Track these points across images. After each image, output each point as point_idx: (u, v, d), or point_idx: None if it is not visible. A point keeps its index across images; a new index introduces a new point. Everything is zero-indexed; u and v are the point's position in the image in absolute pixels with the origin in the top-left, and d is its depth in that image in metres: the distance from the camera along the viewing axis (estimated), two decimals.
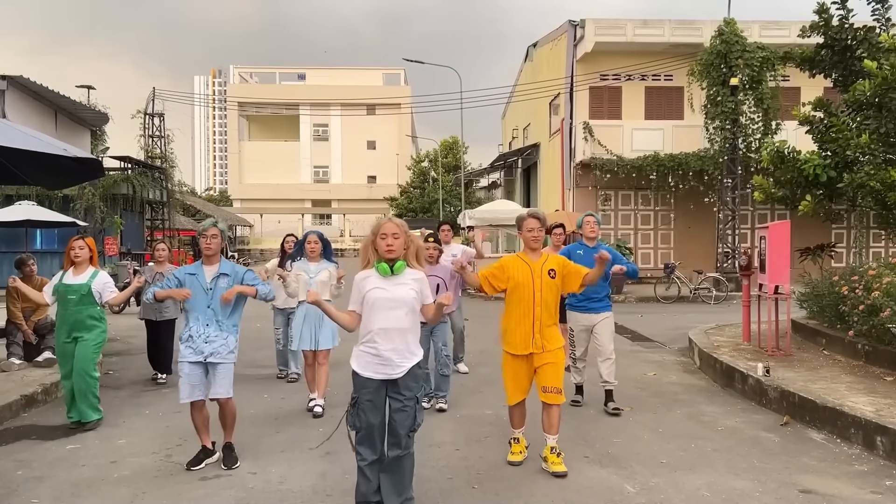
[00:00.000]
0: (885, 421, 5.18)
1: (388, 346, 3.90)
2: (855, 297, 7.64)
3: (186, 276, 5.10)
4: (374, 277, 3.98)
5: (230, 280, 5.12)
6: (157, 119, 27.27)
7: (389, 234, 3.93)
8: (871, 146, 8.65)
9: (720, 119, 19.81)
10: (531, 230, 5.02)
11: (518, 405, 5.09)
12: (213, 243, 5.09)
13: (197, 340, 4.98)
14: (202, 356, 4.97)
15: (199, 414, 5.11)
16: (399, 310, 3.93)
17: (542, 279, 4.92)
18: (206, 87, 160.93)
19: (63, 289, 6.12)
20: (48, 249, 22.05)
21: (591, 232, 6.70)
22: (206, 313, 5.02)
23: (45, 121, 9.22)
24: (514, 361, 5.01)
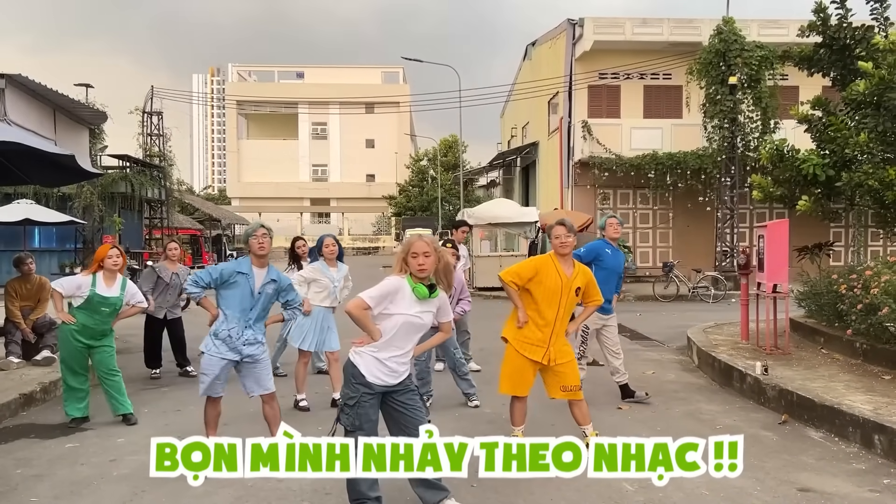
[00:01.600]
0: (884, 419, 5.19)
1: (400, 362, 3.97)
2: (853, 295, 7.66)
3: (236, 274, 4.99)
4: (409, 297, 3.93)
5: (276, 286, 5.13)
6: (156, 117, 27.26)
7: (420, 252, 3.92)
8: (870, 145, 8.66)
9: (719, 118, 19.82)
10: (558, 237, 5.07)
11: (519, 401, 5.13)
12: (265, 243, 5.09)
13: (236, 341, 4.97)
14: (240, 356, 4.99)
15: (214, 409, 5.17)
16: (418, 333, 4.04)
17: (569, 296, 5.02)
18: (204, 86, 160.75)
19: (99, 300, 6.09)
20: (46, 248, 22.06)
21: (615, 233, 6.81)
22: (247, 315, 5.00)
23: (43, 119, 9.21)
24: (521, 360, 5.05)
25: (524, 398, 5.14)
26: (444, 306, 4.14)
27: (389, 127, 67.08)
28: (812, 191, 9.57)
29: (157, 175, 26.41)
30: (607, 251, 6.68)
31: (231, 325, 4.98)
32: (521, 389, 5.09)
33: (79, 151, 9.54)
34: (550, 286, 4.98)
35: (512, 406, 5.17)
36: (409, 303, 3.93)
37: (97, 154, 24.00)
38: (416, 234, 4.14)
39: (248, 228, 5.20)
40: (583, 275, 5.14)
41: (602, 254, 6.60)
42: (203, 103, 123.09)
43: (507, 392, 5.14)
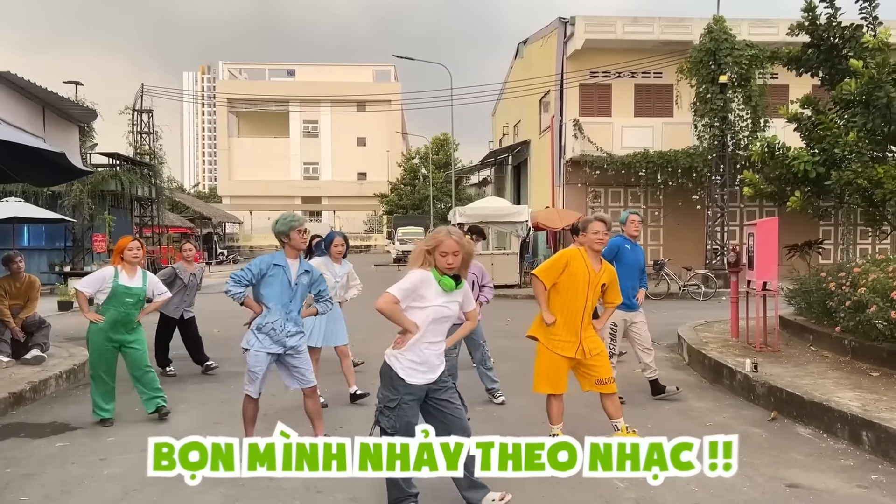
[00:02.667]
0: (871, 416, 5.24)
1: (433, 353, 3.99)
2: (842, 293, 7.71)
3: (273, 267, 4.95)
4: (436, 289, 3.94)
5: (310, 277, 5.12)
6: (146, 115, 27.12)
7: (450, 252, 3.91)
8: (859, 144, 8.72)
9: (709, 116, 19.90)
10: (596, 232, 5.10)
11: (556, 399, 5.15)
12: (307, 238, 5.13)
13: (280, 333, 4.96)
14: (283, 349, 4.98)
15: (255, 406, 5.15)
16: (448, 323, 4.06)
17: (595, 291, 5.08)
18: (195, 84, 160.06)
19: (124, 291, 6.10)
20: (35, 246, 21.93)
21: (635, 230, 6.86)
22: (287, 307, 4.99)
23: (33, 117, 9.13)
24: (555, 358, 5.09)
25: (561, 396, 5.15)
26: (467, 295, 4.15)
27: (381, 125, 66.95)
28: (802, 188, 9.63)
29: (147, 173, 26.27)
30: (626, 247, 6.72)
31: (274, 318, 4.94)
32: (558, 387, 5.10)
33: (69, 149, 9.47)
34: (579, 279, 5.02)
35: (549, 405, 5.17)
36: (436, 294, 3.94)
37: (87, 152, 23.83)
38: (445, 230, 4.05)
39: (288, 220, 5.01)
40: (609, 273, 5.19)
41: (622, 250, 6.63)
42: (194, 101, 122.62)
43: (545, 391, 5.13)
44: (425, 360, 3.95)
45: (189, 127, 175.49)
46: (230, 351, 9.40)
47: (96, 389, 6.16)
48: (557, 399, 5.16)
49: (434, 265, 3.96)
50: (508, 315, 13.96)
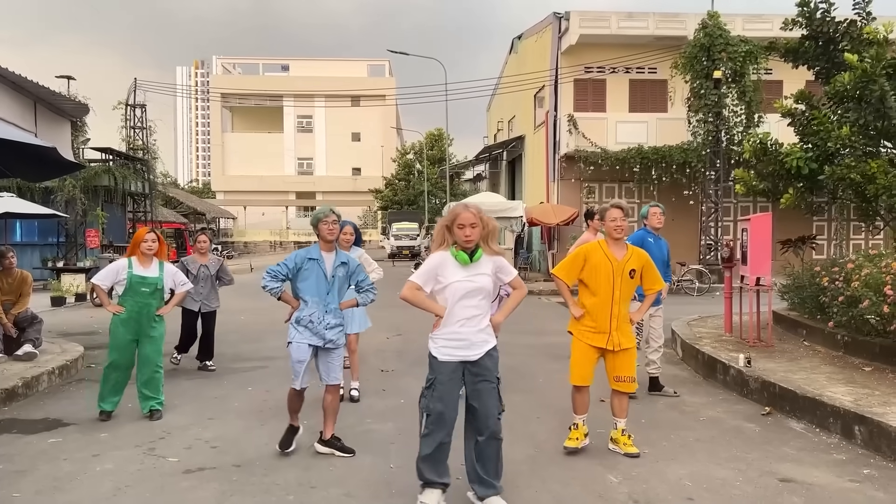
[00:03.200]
0: (864, 410, 5.26)
1: (470, 330, 3.96)
2: (835, 288, 7.73)
3: (307, 261, 4.98)
4: (454, 266, 3.97)
5: (347, 269, 5.09)
6: (139, 110, 27.01)
7: (468, 224, 3.94)
8: (852, 139, 8.74)
9: (703, 112, 19.92)
10: (613, 220, 5.07)
11: (580, 391, 5.11)
12: (335, 228, 5.04)
13: (318, 326, 4.95)
14: (323, 341, 4.97)
15: (300, 398, 5.12)
16: (478, 296, 3.99)
17: (622, 278, 4.99)
18: (188, 78, 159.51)
19: (138, 280, 6.10)
20: (28, 242, 21.82)
21: (658, 222, 6.84)
22: (325, 300, 4.98)
23: (24, 112, 9.08)
24: (585, 347, 5.06)
25: (586, 388, 5.11)
26: (502, 266, 4.09)
27: (375, 120, 66.83)
28: (795, 184, 9.65)
29: (140, 168, 26.18)
30: (650, 240, 6.71)
31: (312, 311, 4.96)
32: (585, 378, 5.08)
33: (60, 144, 9.45)
34: (601, 271, 4.98)
35: (574, 395, 5.15)
36: (455, 270, 3.96)
37: (79, 147, 23.75)
38: (462, 204, 4.08)
39: (317, 213, 5.05)
40: (637, 257, 5.07)
41: (646, 243, 6.57)
42: (187, 96, 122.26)
43: (577, 383, 5.10)
44: (460, 338, 3.95)
45: (182, 122, 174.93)
46: (226, 346, 9.38)
47: (107, 380, 6.16)
48: (581, 391, 5.11)
49: (453, 243, 4.00)
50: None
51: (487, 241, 4.03)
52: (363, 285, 5.22)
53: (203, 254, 8.52)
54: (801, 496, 4.24)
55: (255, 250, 56.58)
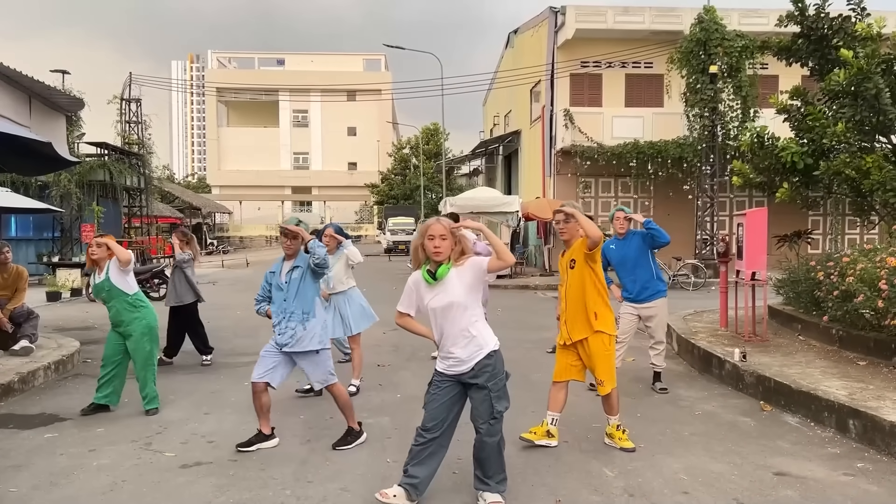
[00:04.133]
0: (858, 404, 5.28)
1: (459, 348, 3.98)
2: (830, 283, 7.76)
3: (270, 275, 5.40)
4: (425, 287, 4.04)
5: (303, 266, 5.24)
6: (134, 104, 26.91)
7: (437, 235, 3.96)
8: (847, 135, 8.76)
9: (699, 107, 19.92)
10: (557, 223, 5.15)
11: (555, 386, 5.20)
12: (293, 244, 5.23)
13: (276, 333, 5.20)
14: (279, 347, 5.17)
15: (257, 398, 5.14)
16: (452, 311, 3.97)
17: (567, 272, 5.11)
18: (183, 73, 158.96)
19: (96, 290, 6.22)
20: (23, 237, 21.76)
21: (620, 228, 6.78)
22: (282, 306, 5.21)
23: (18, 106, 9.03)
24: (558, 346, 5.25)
25: (560, 384, 5.18)
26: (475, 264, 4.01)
27: (371, 115, 66.70)
28: (791, 179, 9.67)
29: (135, 163, 26.10)
30: (611, 247, 6.76)
31: (274, 321, 5.23)
32: (556, 374, 5.19)
33: (56, 139, 9.39)
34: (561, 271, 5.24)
35: (550, 390, 5.25)
36: (426, 290, 4.03)
37: (74, 142, 23.66)
38: (434, 217, 4.13)
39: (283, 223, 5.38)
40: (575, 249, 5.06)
41: (606, 251, 6.65)
42: (182, 90, 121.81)
43: (553, 378, 5.24)
44: (452, 356, 3.99)
45: (178, 116, 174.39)
46: (222, 342, 9.38)
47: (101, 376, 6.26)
48: (556, 386, 5.18)
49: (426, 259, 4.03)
50: (499, 306, 13.96)
51: (459, 255, 4.02)
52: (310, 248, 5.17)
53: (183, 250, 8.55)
54: (795, 489, 4.26)
55: (250, 245, 56.50)
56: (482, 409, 3.98)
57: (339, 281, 6.97)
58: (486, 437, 3.98)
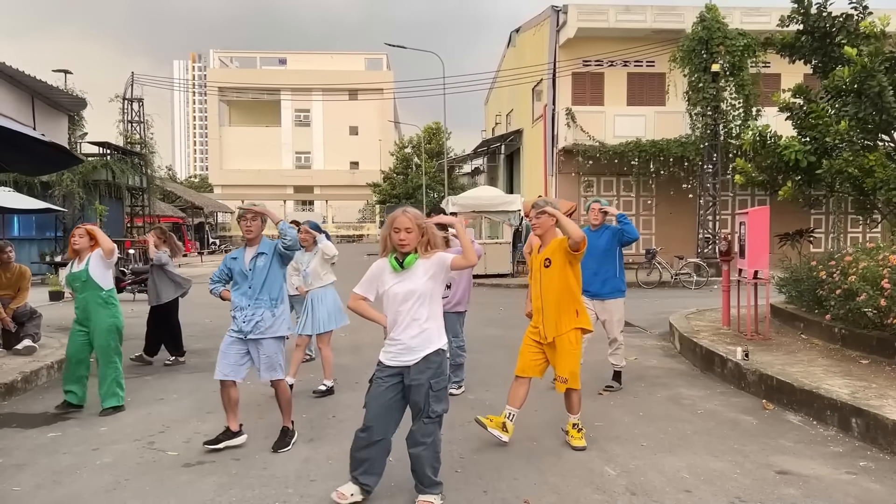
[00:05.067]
0: (861, 403, 5.28)
1: (409, 335, 3.98)
2: (832, 281, 7.75)
3: (231, 261, 5.26)
4: (389, 273, 4.05)
5: (268, 255, 5.17)
6: (137, 104, 26.93)
7: (402, 228, 3.98)
8: (850, 133, 8.74)
9: (701, 105, 19.90)
10: (529, 218, 5.17)
11: (517, 381, 5.19)
12: (252, 226, 5.18)
13: (238, 321, 5.09)
14: (243, 334, 5.07)
15: (225, 393, 5.12)
16: (411, 300, 3.98)
17: (540, 270, 5.08)
18: (185, 72, 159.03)
19: (71, 278, 6.23)
20: (26, 236, 21.80)
21: (595, 219, 6.79)
22: (247, 293, 5.12)
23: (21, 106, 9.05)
24: (525, 340, 5.22)
25: (523, 379, 5.17)
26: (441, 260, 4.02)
27: (373, 114, 66.66)
28: (793, 177, 9.65)
29: (138, 163, 26.13)
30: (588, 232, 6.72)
31: (234, 306, 5.15)
32: (519, 369, 5.18)
33: (58, 138, 9.41)
34: (532, 268, 5.20)
35: (511, 385, 5.24)
36: (390, 276, 4.04)
37: (77, 141, 23.68)
38: (400, 210, 4.12)
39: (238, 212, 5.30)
40: (550, 248, 5.04)
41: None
42: (184, 90, 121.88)
43: (515, 372, 5.23)
44: (399, 343, 3.99)
45: (180, 116, 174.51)
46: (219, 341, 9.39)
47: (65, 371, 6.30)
48: (518, 381, 5.19)
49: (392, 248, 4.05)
50: (500, 304, 13.97)
51: (427, 247, 4.03)
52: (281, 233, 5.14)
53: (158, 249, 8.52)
54: (798, 488, 4.26)
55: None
56: (418, 403, 3.96)
57: (316, 277, 6.95)
58: (420, 436, 3.95)
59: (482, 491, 4.24)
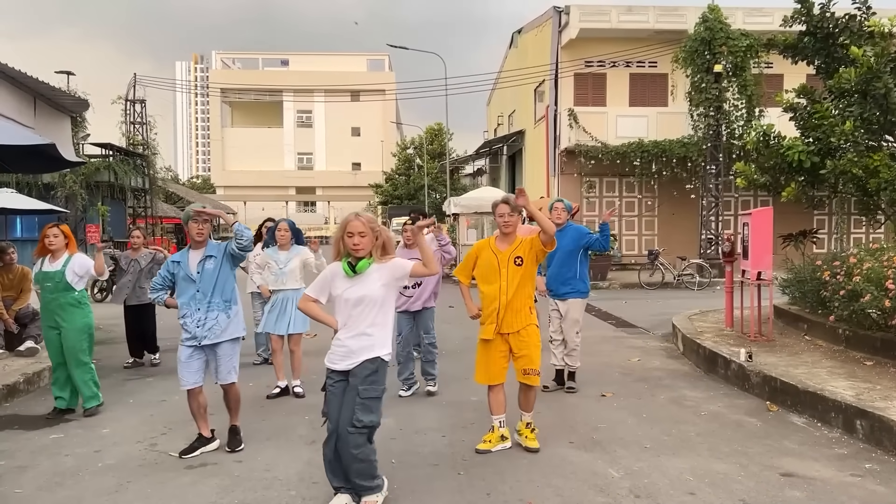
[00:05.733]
0: (865, 405, 5.25)
1: (351, 339, 3.96)
2: (836, 282, 7.72)
3: (174, 265, 5.04)
4: (342, 277, 4.02)
5: (217, 257, 5.03)
6: (139, 105, 26.95)
7: (356, 233, 3.94)
8: (855, 133, 8.71)
9: (704, 106, 19.87)
10: (501, 216, 5.07)
11: (493, 390, 5.09)
12: (204, 229, 5.06)
13: (191, 325, 4.95)
14: (197, 340, 4.96)
15: (194, 400, 5.07)
16: (362, 305, 3.96)
17: (508, 268, 4.98)
18: (188, 73, 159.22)
19: (42, 276, 6.12)
20: (28, 237, 21.77)
21: (557, 218, 6.69)
22: (195, 298, 4.97)
23: (23, 107, 9.06)
24: (484, 345, 5.07)
25: (498, 386, 5.08)
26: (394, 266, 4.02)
27: (375, 115, 66.71)
28: (796, 178, 9.62)
29: (140, 164, 26.14)
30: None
31: (183, 312, 5.00)
32: (491, 377, 5.05)
33: (60, 139, 9.43)
34: (486, 265, 5.06)
35: (488, 395, 5.14)
36: (342, 281, 4.00)
37: (79, 142, 23.69)
38: (353, 213, 4.10)
39: (187, 211, 5.07)
40: (523, 246, 5.01)
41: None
42: (186, 91, 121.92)
43: (480, 381, 5.12)
44: (342, 346, 3.97)
45: (182, 117, 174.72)
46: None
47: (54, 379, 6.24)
48: (495, 390, 5.09)
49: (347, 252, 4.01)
50: None
51: (381, 251, 4.00)
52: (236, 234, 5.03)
53: (136, 249, 8.50)
54: (802, 490, 4.24)
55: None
56: (347, 413, 3.89)
57: (292, 278, 6.87)
58: (349, 446, 3.85)
59: (485, 493, 4.22)
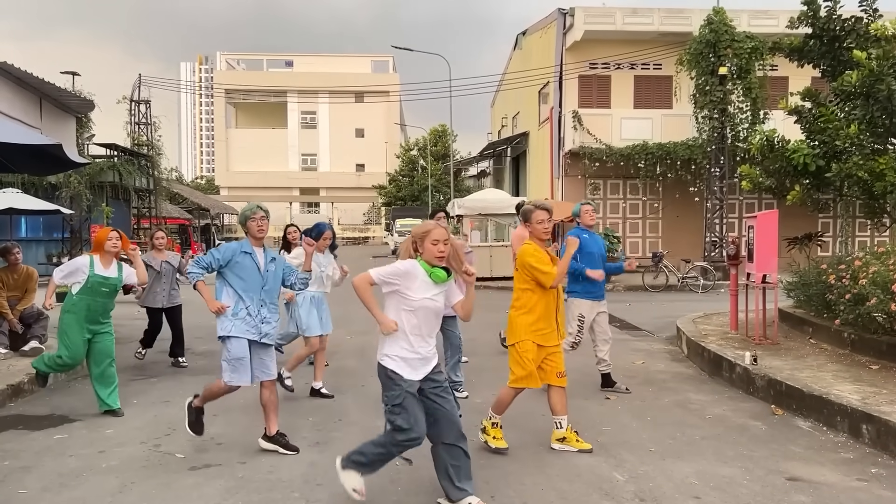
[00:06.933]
0: (871, 409, 5.23)
1: (430, 348, 4.00)
2: (841, 286, 7.69)
3: (241, 254, 4.98)
4: (423, 281, 3.92)
5: (276, 265, 5.13)
6: (144, 106, 27.03)
7: (442, 240, 3.93)
8: (860, 136, 8.68)
9: (708, 108, 19.86)
10: (541, 222, 5.07)
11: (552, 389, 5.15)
12: (264, 225, 5.08)
13: (255, 319, 4.96)
14: (259, 335, 4.98)
15: (272, 394, 5.09)
16: (439, 318, 4.06)
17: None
18: (192, 74, 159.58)
19: (100, 281, 6.08)
20: (33, 237, 21.86)
21: (591, 220, 6.79)
22: (260, 294, 5.01)
23: (29, 108, 9.10)
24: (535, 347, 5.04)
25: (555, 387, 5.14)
26: (451, 288, 4.11)
27: (379, 116, 66.77)
28: (801, 181, 9.59)
29: (145, 164, 26.21)
30: (585, 236, 6.64)
31: (248, 304, 4.97)
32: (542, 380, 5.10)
33: (65, 140, 9.45)
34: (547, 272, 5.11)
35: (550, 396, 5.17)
36: (423, 287, 3.93)
37: (84, 143, 23.77)
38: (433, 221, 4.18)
39: (245, 210, 5.08)
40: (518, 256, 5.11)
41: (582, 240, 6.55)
42: (191, 92, 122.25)
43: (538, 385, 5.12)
44: (421, 355, 3.94)
45: (187, 118, 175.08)
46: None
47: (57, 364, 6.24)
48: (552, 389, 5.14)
49: (422, 256, 3.97)
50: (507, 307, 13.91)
51: (454, 260, 4.01)
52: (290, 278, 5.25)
53: (160, 250, 8.52)
54: (808, 495, 4.22)
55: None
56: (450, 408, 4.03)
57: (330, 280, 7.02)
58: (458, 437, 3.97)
59: (489, 496, 4.21)
